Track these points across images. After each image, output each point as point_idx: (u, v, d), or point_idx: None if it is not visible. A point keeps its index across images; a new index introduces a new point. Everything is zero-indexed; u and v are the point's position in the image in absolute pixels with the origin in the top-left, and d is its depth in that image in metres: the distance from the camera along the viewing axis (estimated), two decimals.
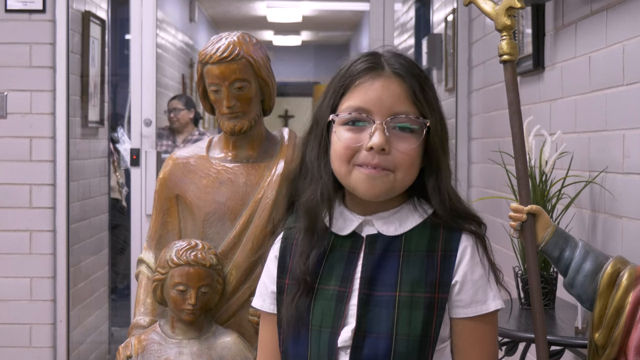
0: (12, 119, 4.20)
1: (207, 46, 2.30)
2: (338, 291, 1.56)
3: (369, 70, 1.56)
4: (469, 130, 4.62)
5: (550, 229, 1.98)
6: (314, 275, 1.57)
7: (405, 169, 1.54)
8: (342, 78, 1.58)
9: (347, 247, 1.58)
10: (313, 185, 1.59)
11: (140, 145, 4.70)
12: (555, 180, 2.75)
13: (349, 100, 1.56)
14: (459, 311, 1.56)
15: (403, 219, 1.58)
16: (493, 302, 1.58)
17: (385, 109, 1.54)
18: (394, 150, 1.53)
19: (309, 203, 1.58)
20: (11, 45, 4.19)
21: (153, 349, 2.28)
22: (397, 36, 6.64)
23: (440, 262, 1.55)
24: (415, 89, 1.55)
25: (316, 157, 1.60)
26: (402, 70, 1.56)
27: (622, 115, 2.51)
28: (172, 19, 7.93)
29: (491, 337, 1.60)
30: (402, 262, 1.55)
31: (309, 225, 1.58)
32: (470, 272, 1.56)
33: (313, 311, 1.56)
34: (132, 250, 4.75)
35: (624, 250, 2.45)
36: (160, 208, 2.40)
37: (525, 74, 3.42)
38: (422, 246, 1.56)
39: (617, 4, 2.53)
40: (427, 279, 1.54)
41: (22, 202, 4.21)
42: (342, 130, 1.56)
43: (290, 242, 1.63)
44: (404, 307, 1.53)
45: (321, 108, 1.60)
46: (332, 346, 1.54)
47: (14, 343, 4.21)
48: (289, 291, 1.59)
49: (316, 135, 1.60)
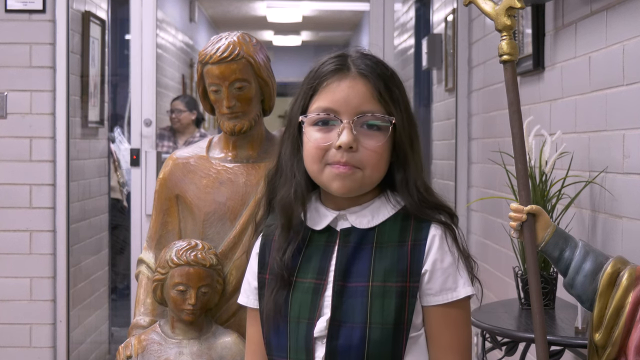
0: (12, 119, 4.20)
1: (207, 46, 2.30)
2: (314, 284, 1.62)
3: (336, 72, 1.63)
4: (469, 130, 4.62)
5: (550, 229, 1.98)
6: (290, 270, 1.63)
7: (373, 166, 1.61)
8: (311, 79, 1.65)
9: (322, 242, 1.65)
10: (287, 183, 1.66)
11: (140, 145, 4.70)
12: (555, 180, 2.75)
13: (317, 101, 1.63)
14: (430, 299, 1.61)
15: (375, 211, 1.64)
16: (463, 288, 1.61)
17: (352, 108, 1.60)
18: (362, 148, 1.60)
19: (283, 201, 1.65)
20: (11, 45, 4.19)
21: (153, 349, 2.28)
22: (397, 36, 6.64)
23: (411, 252, 1.60)
24: (380, 88, 1.61)
25: (289, 156, 1.67)
26: (367, 71, 1.62)
27: (622, 115, 2.51)
28: (172, 19, 7.93)
29: (463, 322, 1.64)
30: (374, 253, 1.61)
31: (285, 222, 1.65)
32: (440, 260, 1.60)
33: (291, 303, 1.62)
34: (132, 250, 4.76)
35: (624, 250, 2.45)
36: (160, 208, 2.40)
37: (525, 74, 3.42)
38: (394, 237, 1.62)
39: (617, 4, 2.53)
40: (399, 268, 1.59)
41: (22, 202, 4.21)
42: (312, 130, 1.63)
43: (269, 239, 1.69)
44: (376, 297, 1.58)
45: (293, 109, 1.68)
46: (309, 336, 1.59)
47: (14, 343, 4.21)
48: (269, 285, 1.66)
49: (289, 135, 1.68)
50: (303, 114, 1.64)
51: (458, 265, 1.61)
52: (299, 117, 1.65)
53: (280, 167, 1.69)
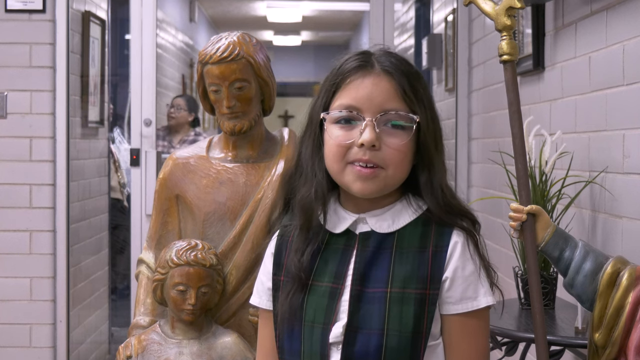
0: (12, 119, 4.20)
1: (207, 46, 2.30)
2: (331, 287, 1.58)
3: (359, 69, 1.59)
4: (469, 130, 4.61)
5: (550, 229, 1.98)
6: (308, 272, 1.59)
7: (396, 165, 1.56)
8: (333, 77, 1.61)
9: (341, 245, 1.60)
10: (308, 183, 1.62)
11: (140, 145, 4.70)
12: (555, 180, 2.75)
13: (340, 99, 1.59)
14: (450, 307, 1.57)
15: (396, 215, 1.60)
16: (484, 298, 1.58)
17: (375, 106, 1.56)
18: (385, 147, 1.55)
19: (303, 201, 1.61)
20: (11, 45, 4.19)
21: (153, 349, 2.28)
22: (397, 36, 6.64)
23: (432, 258, 1.56)
24: (405, 86, 1.57)
25: (310, 155, 1.62)
26: (391, 68, 1.58)
27: (622, 115, 2.51)
28: (172, 19, 7.93)
29: (482, 332, 1.60)
30: (394, 258, 1.57)
31: (304, 223, 1.61)
32: (461, 268, 1.56)
33: (306, 307, 1.58)
34: (132, 250, 4.76)
35: (624, 250, 2.45)
36: (160, 208, 2.40)
37: (525, 74, 3.42)
38: (414, 243, 1.58)
39: (617, 4, 2.53)
40: (419, 275, 1.55)
41: (22, 202, 4.21)
42: (334, 128, 1.58)
43: (285, 240, 1.65)
44: (395, 303, 1.54)
45: (314, 107, 1.63)
46: (324, 342, 1.55)
47: (14, 343, 4.21)
48: (284, 287, 1.62)
49: (310, 134, 1.63)
50: (325, 112, 1.60)
51: (480, 273, 1.57)
52: (320, 114, 1.60)
53: (300, 166, 1.64)
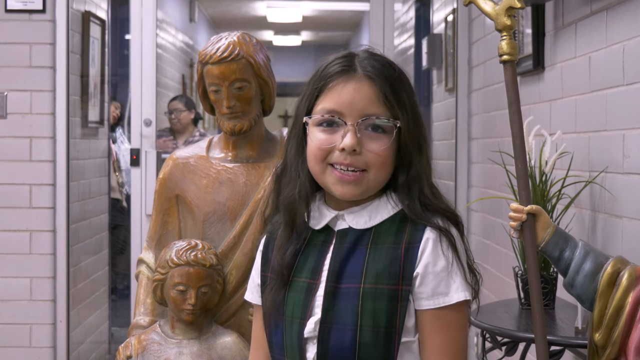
0: (12, 119, 4.20)
1: (207, 46, 2.30)
2: (308, 283, 1.62)
3: (342, 73, 1.61)
4: (469, 130, 4.62)
5: (550, 229, 1.98)
6: (289, 268, 1.63)
7: (377, 168, 1.59)
8: (317, 80, 1.63)
9: (320, 241, 1.64)
10: (292, 183, 1.65)
11: (140, 145, 4.70)
12: (555, 180, 2.75)
13: (322, 102, 1.61)
14: (422, 303, 1.58)
15: (374, 212, 1.63)
16: (456, 294, 1.58)
17: (357, 111, 1.59)
18: (366, 151, 1.59)
19: (287, 200, 1.65)
20: (11, 45, 4.19)
21: (153, 349, 2.28)
22: (397, 36, 6.64)
23: (404, 255, 1.59)
24: (386, 91, 1.60)
25: (294, 156, 1.66)
26: (373, 73, 1.60)
27: (622, 115, 2.51)
28: (172, 19, 7.92)
29: (455, 327, 1.60)
30: (368, 254, 1.60)
31: (288, 221, 1.65)
32: (432, 264, 1.58)
33: (287, 303, 1.62)
34: (132, 250, 4.76)
35: (624, 250, 2.45)
36: (160, 208, 2.40)
37: (525, 74, 3.42)
38: (389, 239, 1.60)
39: (617, 4, 2.53)
40: (391, 270, 1.58)
41: (22, 202, 4.21)
42: (316, 131, 1.61)
43: (273, 237, 1.69)
44: (367, 299, 1.56)
45: (298, 109, 1.66)
46: (300, 336, 1.59)
47: (14, 343, 4.21)
48: (269, 283, 1.66)
49: (294, 135, 1.67)
50: (308, 114, 1.63)
51: (451, 269, 1.58)
52: (303, 117, 1.64)
53: (286, 166, 1.68)
